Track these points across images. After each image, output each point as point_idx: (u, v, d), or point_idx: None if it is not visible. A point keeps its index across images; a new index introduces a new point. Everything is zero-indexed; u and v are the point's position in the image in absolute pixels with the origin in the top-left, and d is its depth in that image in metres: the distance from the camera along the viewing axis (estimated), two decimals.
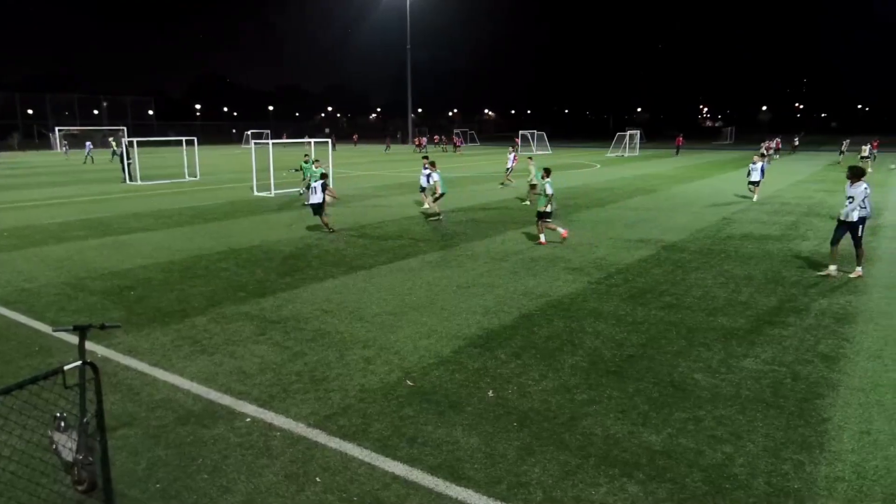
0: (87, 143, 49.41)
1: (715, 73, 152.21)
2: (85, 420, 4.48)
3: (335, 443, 5.39)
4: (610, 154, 56.15)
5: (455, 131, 77.77)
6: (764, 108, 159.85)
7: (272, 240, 14.95)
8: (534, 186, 21.09)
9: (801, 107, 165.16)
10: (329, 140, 33.36)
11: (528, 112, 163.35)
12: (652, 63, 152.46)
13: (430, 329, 8.35)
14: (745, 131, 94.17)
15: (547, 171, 14.47)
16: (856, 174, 11.15)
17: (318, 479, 4.83)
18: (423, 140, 69.98)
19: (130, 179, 30.36)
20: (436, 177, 18.82)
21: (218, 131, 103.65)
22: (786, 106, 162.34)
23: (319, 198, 15.76)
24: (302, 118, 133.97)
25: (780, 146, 50.32)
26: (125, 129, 38.12)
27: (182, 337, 8.07)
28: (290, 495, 4.64)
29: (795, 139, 61.40)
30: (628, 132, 59.46)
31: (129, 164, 30.79)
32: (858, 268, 11.17)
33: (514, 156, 28.45)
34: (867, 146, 37.94)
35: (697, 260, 12.57)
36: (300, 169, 24.33)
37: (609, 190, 26.06)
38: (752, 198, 22.11)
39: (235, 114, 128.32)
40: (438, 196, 18.37)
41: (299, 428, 5.65)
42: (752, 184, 22.17)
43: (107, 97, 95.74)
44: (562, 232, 14.34)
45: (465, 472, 4.92)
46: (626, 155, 54.95)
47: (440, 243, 14.41)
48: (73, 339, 7.11)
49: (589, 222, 17.49)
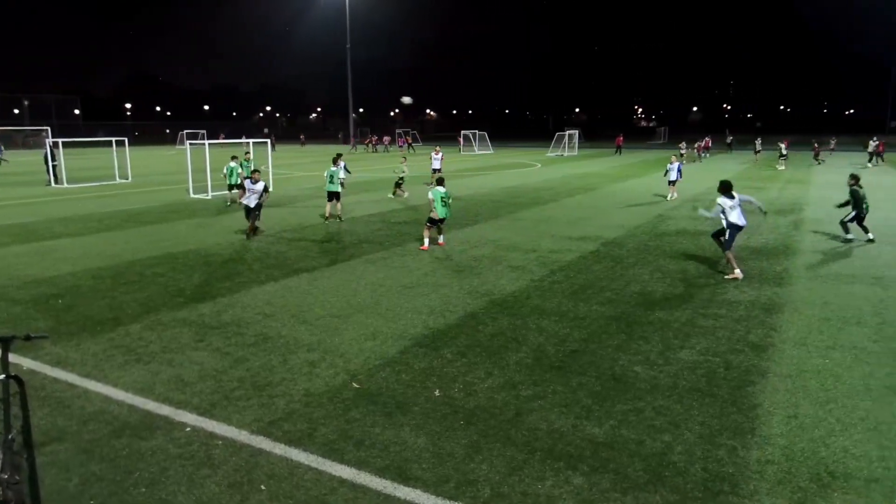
0: None
1: (648, 74, 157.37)
2: (10, 437, 4.23)
3: (280, 449, 5.29)
4: (550, 154, 57.19)
5: (397, 131, 77.60)
6: (695, 108, 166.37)
7: (210, 243, 14.53)
8: (400, 185, 23.20)
9: (728, 107, 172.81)
10: (269, 140, 32.69)
11: (470, 112, 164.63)
12: (589, 64, 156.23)
13: (375, 330, 8.30)
14: (678, 131, 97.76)
15: (439, 181, 14.01)
16: (724, 188, 11.78)
17: (262, 487, 4.73)
18: (387, 139, 69.60)
19: (56, 182, 28.91)
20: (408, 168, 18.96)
21: (150, 131, 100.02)
22: (714, 107, 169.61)
23: (254, 200, 14.92)
24: (239, 118, 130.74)
25: (710, 145, 52.42)
26: (49, 129, 36.17)
27: (115, 346, 7.74)
28: None
29: (729, 138, 64.00)
30: (567, 132, 60.69)
31: (54, 167, 29.31)
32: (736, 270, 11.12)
33: (441, 156, 28.80)
34: (782, 144, 40.20)
35: (635, 256, 12.96)
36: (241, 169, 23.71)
37: (550, 189, 26.54)
38: (667, 196, 22.71)
39: (169, 113, 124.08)
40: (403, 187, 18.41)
41: (242, 436, 5.51)
42: (670, 183, 22.88)
43: (28, 96, 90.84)
44: (440, 241, 13.98)
45: (414, 473, 4.92)
46: (565, 154, 56.09)
47: (384, 244, 14.34)
48: None
49: (531, 221, 17.76)
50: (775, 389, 6.44)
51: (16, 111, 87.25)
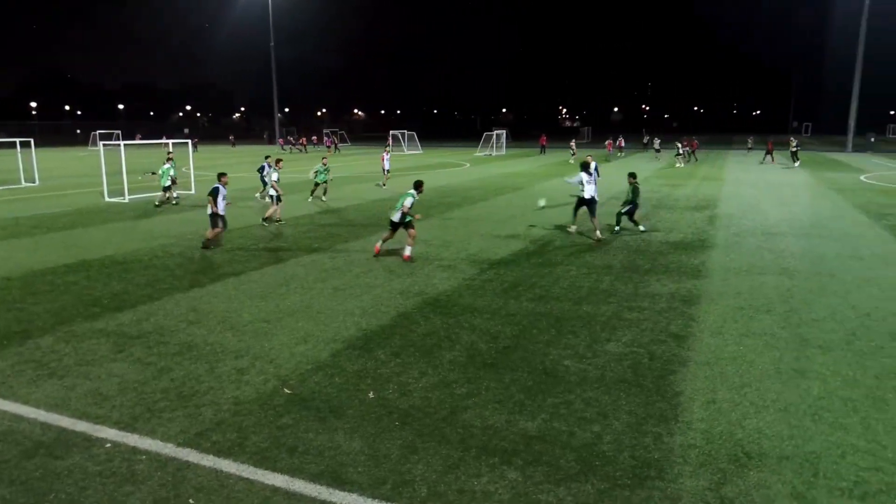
0: None
1: (571, 76, 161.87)
2: None
3: (209, 460, 5.11)
4: (479, 153, 57.85)
5: (325, 131, 76.48)
6: (616, 109, 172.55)
7: (129, 249, 13.86)
8: (317, 185, 21.85)
9: (647, 108, 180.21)
10: (189, 140, 31.51)
11: (398, 112, 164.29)
12: (515, 65, 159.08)
13: (306, 334, 8.15)
14: (601, 131, 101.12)
15: (417, 185, 12.67)
16: (582, 166, 15.42)
17: (191, 501, 4.55)
18: (314, 139, 68.47)
19: None
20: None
21: (59, 132, 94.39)
22: (634, 107, 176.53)
23: (221, 208, 13.55)
24: (157, 118, 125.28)
25: (623, 144, 54.65)
26: None
27: (25, 360, 7.26)
28: None
29: (646, 138, 66.64)
30: (495, 132, 61.56)
31: None
32: (597, 232, 14.64)
33: (389, 156, 28.53)
34: (679, 143, 42.80)
35: (563, 252, 13.31)
36: (159, 172, 22.82)
37: (479, 188, 26.85)
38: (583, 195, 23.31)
39: (79, 113, 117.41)
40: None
41: (168, 449, 5.29)
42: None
43: None
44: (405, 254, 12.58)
45: (349, 477, 4.86)
46: (493, 154, 56.86)
47: (314, 245, 14.10)
48: None
49: (461, 220, 17.92)
50: (695, 377, 6.77)
51: None
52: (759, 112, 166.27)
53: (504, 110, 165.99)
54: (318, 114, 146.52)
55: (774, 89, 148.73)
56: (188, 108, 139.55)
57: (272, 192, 16.98)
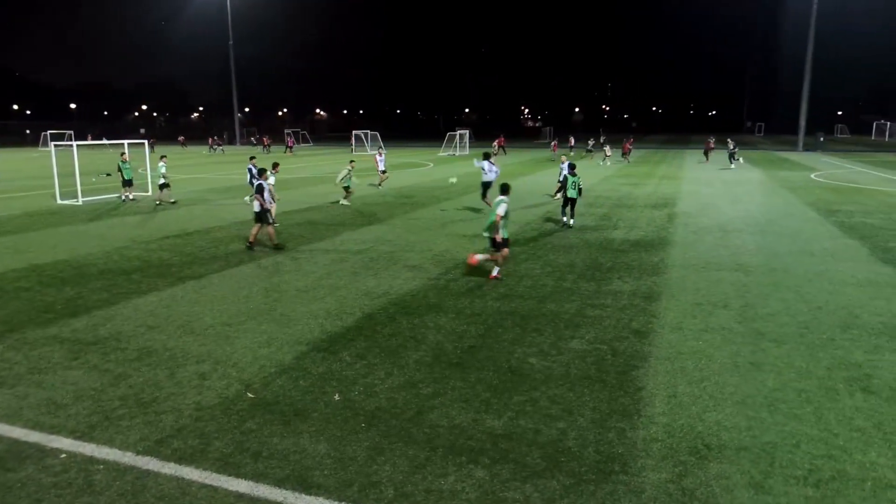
0: None
1: (533, 76, 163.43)
2: None
3: (170, 468, 4.99)
4: (442, 153, 57.89)
5: (286, 131, 75.49)
6: (577, 109, 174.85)
7: (83, 253, 13.44)
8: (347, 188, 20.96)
9: (607, 108, 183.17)
10: (146, 141, 30.75)
11: (361, 112, 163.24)
12: (477, 66, 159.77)
13: (269, 337, 8.03)
14: (562, 131, 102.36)
15: (504, 189, 11.43)
16: (484, 155, 18.71)
17: None
18: (267, 139, 67.44)
19: None
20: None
21: (7, 132, 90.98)
22: (594, 108, 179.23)
23: (258, 205, 13.38)
24: (111, 117, 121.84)
25: (573, 144, 56.05)
26: None
27: None
28: None
29: (602, 137, 67.85)
30: (458, 132, 61.68)
31: None
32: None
33: (383, 157, 27.40)
34: (591, 141, 51.72)
35: (527, 252, 13.42)
36: (119, 170, 22.44)
37: (443, 188, 26.87)
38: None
39: (29, 112, 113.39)
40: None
41: (127, 457, 5.15)
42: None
43: None
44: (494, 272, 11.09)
45: (315, 480, 4.81)
46: (457, 154, 56.98)
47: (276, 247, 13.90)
48: None
49: (425, 220, 17.91)
50: (657, 372, 6.91)
51: None
52: (714, 112, 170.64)
53: (467, 110, 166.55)
54: (280, 113, 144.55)
55: (729, 90, 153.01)
56: (144, 107, 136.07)
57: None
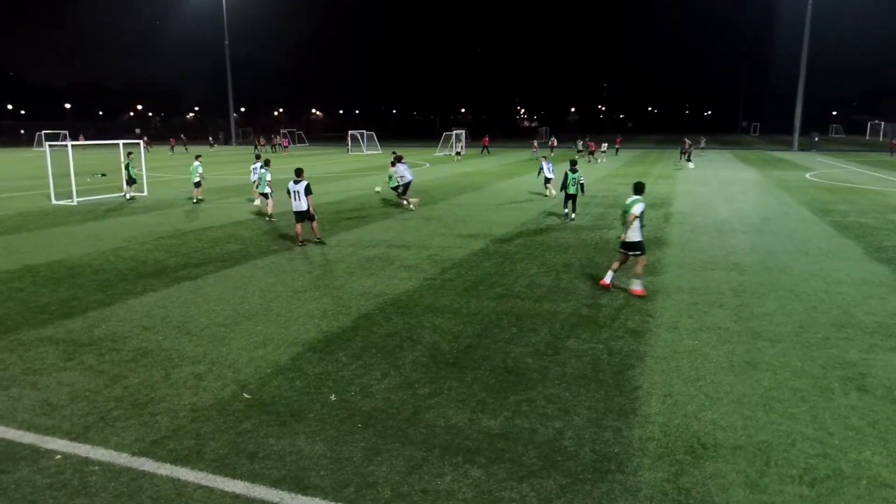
0: None
1: (529, 77, 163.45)
2: None
3: (166, 469, 4.98)
4: (438, 153, 57.86)
5: (282, 131, 75.37)
6: (573, 109, 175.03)
7: (77, 253, 13.39)
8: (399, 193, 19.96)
9: (603, 109, 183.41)
10: (141, 141, 30.67)
11: (357, 112, 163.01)
12: (473, 66, 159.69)
13: (265, 338, 8.02)
14: (558, 131, 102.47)
15: (638, 188, 10.26)
16: (397, 158, 19.70)
17: None
18: (286, 141, 67.78)
19: None
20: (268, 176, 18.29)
21: (1, 132, 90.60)
22: (590, 108, 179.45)
23: (304, 204, 13.70)
24: (105, 117, 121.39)
25: (556, 144, 56.71)
26: None
27: None
28: None
29: (587, 136, 68.06)
30: (455, 132, 61.64)
31: None
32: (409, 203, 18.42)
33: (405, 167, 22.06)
34: (580, 141, 51.96)
35: (523, 252, 13.43)
36: (126, 169, 22.96)
37: (439, 188, 26.86)
38: (546, 193, 23.64)
39: (23, 112, 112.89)
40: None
41: (122, 458, 5.13)
42: (546, 181, 23.68)
43: None
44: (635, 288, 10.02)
45: (311, 481, 4.81)
46: (455, 153, 56.94)
47: (272, 247, 13.88)
48: None
49: (421, 220, 17.90)
50: (652, 371, 6.92)
51: None
52: (710, 112, 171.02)
53: (463, 110, 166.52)
54: (275, 114, 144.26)
55: (724, 90, 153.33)
56: (139, 107, 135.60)
57: (267, 189, 18.15)
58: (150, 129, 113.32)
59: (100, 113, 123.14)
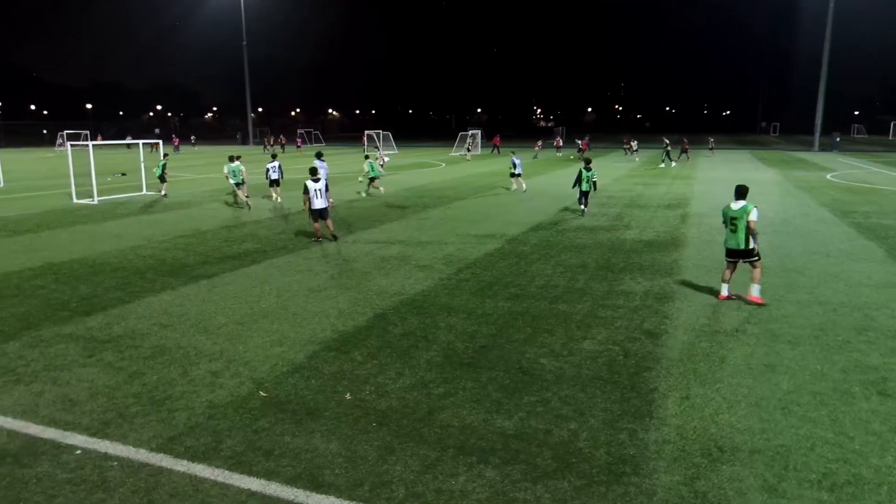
0: None
1: (545, 76, 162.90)
2: None
3: (183, 465, 5.03)
4: (454, 153, 57.88)
5: (299, 131, 75.91)
6: (589, 109, 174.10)
7: (97, 251, 13.58)
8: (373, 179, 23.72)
9: (619, 108, 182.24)
10: (160, 141, 31.01)
11: (373, 112, 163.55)
12: (489, 65, 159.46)
13: (281, 336, 8.07)
14: (574, 130, 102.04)
15: (742, 191, 9.58)
16: (318, 155, 20.92)
17: None
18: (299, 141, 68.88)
19: None
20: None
21: (24, 132, 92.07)
22: (607, 107, 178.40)
23: (325, 201, 14.17)
24: (126, 117, 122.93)
25: (561, 144, 56.81)
26: None
27: None
28: None
29: (628, 143, 67.68)
30: (470, 132, 61.60)
31: None
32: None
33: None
34: (579, 142, 53.04)
35: (538, 252, 13.38)
36: (163, 168, 23.73)
37: (454, 188, 26.87)
38: (510, 188, 25.48)
39: (45, 112, 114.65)
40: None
41: (140, 454, 5.20)
42: (513, 176, 25.21)
43: None
44: (752, 295, 9.45)
45: (326, 479, 4.83)
46: (469, 154, 56.91)
47: (289, 247, 13.98)
48: None
49: (437, 220, 17.92)
50: (669, 373, 6.86)
51: None
52: (728, 112, 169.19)
53: (479, 110, 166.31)
54: (292, 114, 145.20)
55: (743, 90, 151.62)
56: (158, 107, 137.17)
57: (233, 181, 20.51)
58: (170, 129, 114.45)
59: (120, 113, 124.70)
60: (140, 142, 25.96)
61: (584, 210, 18.66)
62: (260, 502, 4.55)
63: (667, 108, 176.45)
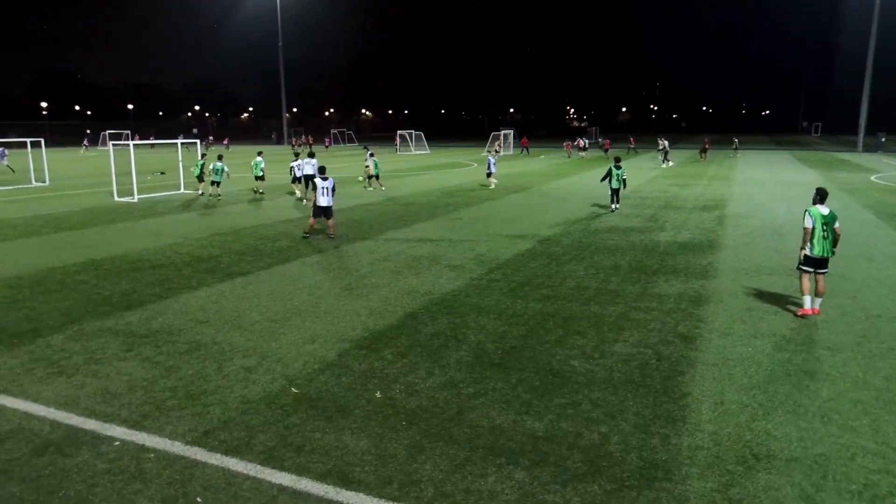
0: None
1: (579, 76, 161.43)
2: None
3: (216, 459, 5.13)
4: (486, 153, 57.79)
5: (332, 131, 76.89)
6: (623, 109, 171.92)
7: (137, 248, 13.94)
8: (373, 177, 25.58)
9: (655, 108, 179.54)
10: (197, 141, 31.68)
11: (406, 112, 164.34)
12: (522, 65, 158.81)
13: (313, 334, 8.17)
14: (608, 130, 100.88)
15: (820, 195, 9.17)
16: (309, 154, 22.13)
17: (199, 500, 4.57)
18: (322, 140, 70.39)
19: None
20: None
21: (70, 132, 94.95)
22: (642, 107, 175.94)
23: (331, 200, 14.57)
24: (165, 117, 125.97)
25: (585, 145, 55.84)
26: None
27: (35, 359, 7.31)
28: None
29: (661, 144, 66.80)
30: (503, 132, 61.44)
31: None
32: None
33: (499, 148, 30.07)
34: (584, 140, 54.49)
35: (570, 253, 13.27)
36: (222, 172, 24.07)
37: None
38: (489, 186, 26.41)
39: (89, 113, 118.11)
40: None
41: (175, 447, 5.32)
42: (489, 175, 26.39)
43: None
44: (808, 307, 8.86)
45: (356, 476, 4.87)
46: (501, 153, 56.78)
47: (320, 245, 14.13)
48: None
49: (468, 220, 17.91)
50: (703, 378, 6.73)
51: None
52: (767, 112, 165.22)
53: (511, 110, 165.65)
54: (326, 114, 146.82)
55: (784, 89, 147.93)
56: (196, 108, 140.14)
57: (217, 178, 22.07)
58: (207, 129, 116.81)
59: (160, 113, 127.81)
60: (195, 141, 26.77)
61: (614, 208, 19.16)
62: (291, 497, 4.62)
63: (703, 108, 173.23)
